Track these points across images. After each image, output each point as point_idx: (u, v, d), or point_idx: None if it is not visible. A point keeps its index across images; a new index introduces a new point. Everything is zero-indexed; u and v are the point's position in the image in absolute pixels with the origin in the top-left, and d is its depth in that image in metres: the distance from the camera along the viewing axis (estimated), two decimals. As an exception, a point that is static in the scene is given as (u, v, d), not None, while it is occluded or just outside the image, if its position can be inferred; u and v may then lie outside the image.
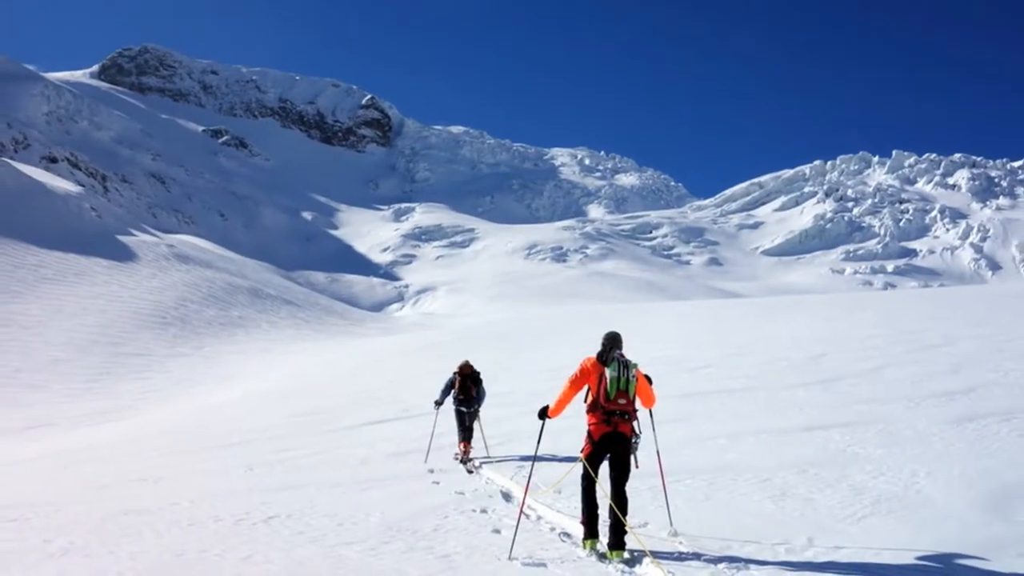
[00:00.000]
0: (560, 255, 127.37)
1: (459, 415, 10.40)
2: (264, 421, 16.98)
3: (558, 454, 9.33)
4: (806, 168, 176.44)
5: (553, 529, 6.51)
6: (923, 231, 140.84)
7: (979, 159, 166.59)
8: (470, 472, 9.38)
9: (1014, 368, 12.16)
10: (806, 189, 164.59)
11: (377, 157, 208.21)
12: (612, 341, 5.99)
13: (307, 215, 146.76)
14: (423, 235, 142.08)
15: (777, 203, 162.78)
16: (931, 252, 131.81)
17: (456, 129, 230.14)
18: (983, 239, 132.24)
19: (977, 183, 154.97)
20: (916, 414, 9.63)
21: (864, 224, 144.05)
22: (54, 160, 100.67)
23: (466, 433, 10.26)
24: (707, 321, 27.44)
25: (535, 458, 6.87)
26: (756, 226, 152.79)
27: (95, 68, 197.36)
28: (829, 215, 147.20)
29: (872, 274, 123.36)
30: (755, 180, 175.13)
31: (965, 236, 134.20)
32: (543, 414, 6.20)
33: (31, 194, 56.48)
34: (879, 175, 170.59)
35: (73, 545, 6.74)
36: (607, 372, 5.79)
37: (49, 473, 13.35)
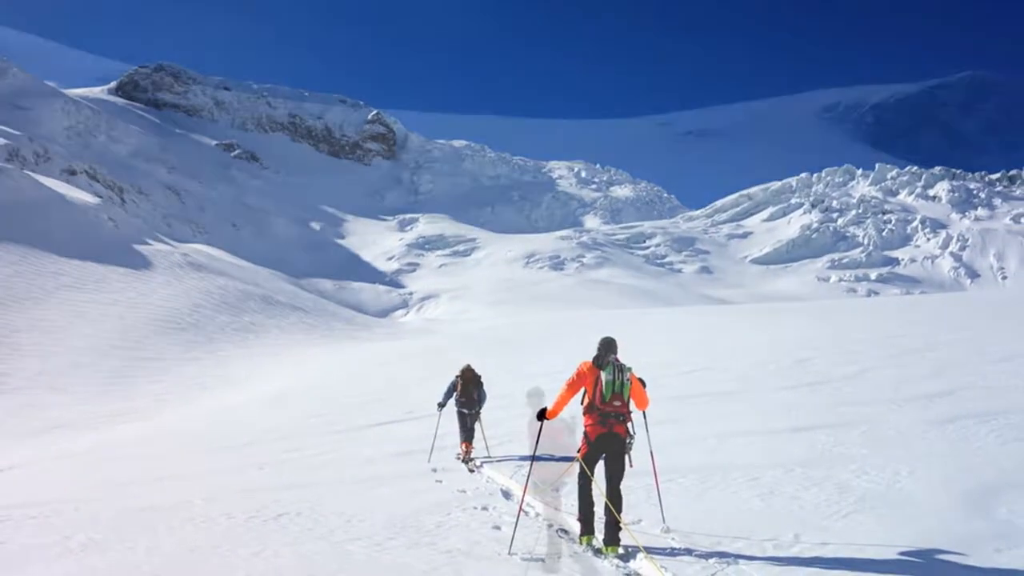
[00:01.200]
0: (558, 263, 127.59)
1: (461, 416, 10.58)
2: (274, 422, 17.07)
3: (556, 454, 9.46)
4: (793, 180, 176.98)
5: (551, 526, 6.62)
6: (905, 241, 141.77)
7: (958, 172, 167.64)
8: (471, 471, 9.54)
9: (992, 371, 12.32)
10: (793, 200, 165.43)
11: (383, 170, 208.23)
12: (607, 346, 6.14)
13: (316, 225, 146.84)
14: (427, 244, 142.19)
15: (765, 214, 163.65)
16: (912, 261, 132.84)
17: (458, 143, 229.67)
18: (962, 248, 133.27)
19: (956, 195, 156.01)
20: (899, 415, 9.77)
21: (848, 234, 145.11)
22: (73, 172, 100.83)
23: (468, 434, 10.45)
24: (698, 327, 27.58)
25: (534, 458, 7.02)
26: (745, 236, 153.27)
27: (113, 85, 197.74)
28: (815, 225, 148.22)
29: (856, 282, 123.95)
30: (744, 192, 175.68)
31: (945, 246, 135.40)
32: (541, 416, 6.32)
33: (52, 205, 56.88)
34: (863, 187, 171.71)
35: (92, 541, 6.92)
36: (603, 375, 5.94)
37: (70, 472, 13.50)
